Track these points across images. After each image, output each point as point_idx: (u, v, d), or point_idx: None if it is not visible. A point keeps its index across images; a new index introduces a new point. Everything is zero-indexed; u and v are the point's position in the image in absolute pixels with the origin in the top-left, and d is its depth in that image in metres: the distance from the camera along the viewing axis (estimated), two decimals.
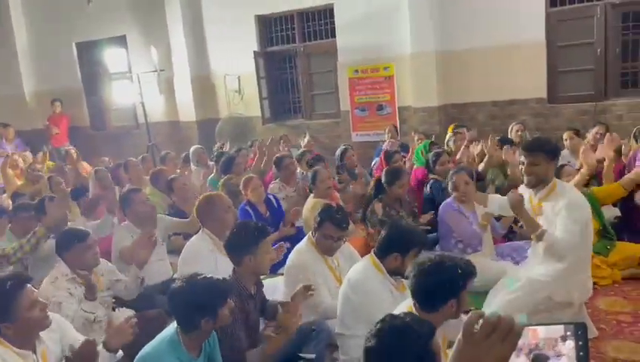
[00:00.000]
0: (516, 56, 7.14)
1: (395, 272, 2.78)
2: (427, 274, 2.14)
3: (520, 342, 1.00)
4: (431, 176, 4.90)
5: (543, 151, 3.06)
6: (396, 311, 2.26)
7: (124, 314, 3.03)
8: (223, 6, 9.13)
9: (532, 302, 3.16)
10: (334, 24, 8.44)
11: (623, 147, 5.08)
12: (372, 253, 2.89)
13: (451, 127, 6.57)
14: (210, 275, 2.43)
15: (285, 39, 9.07)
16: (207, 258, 3.38)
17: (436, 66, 7.49)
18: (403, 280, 2.91)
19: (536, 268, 3.26)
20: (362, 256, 3.47)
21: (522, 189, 3.27)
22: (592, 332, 3.25)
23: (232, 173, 5.60)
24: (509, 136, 6.22)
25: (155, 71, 9.21)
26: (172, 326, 2.36)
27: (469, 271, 2.17)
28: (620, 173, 4.76)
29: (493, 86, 7.38)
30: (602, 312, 3.68)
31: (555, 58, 7.15)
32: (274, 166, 5.72)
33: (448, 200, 4.19)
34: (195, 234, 3.82)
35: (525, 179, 3.15)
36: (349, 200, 5.00)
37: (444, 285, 2.12)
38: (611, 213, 4.73)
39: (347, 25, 8.26)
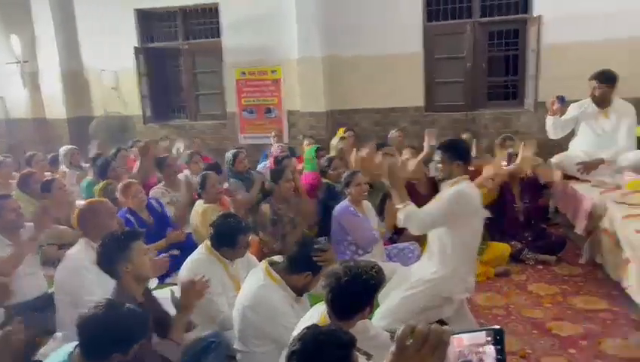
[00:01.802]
0: (397, 66, 7.53)
1: (301, 289, 2.73)
2: (344, 287, 2.16)
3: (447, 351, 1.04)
4: (324, 180, 4.97)
5: (447, 152, 3.24)
6: (304, 322, 2.26)
7: None
8: None
9: (424, 299, 3.32)
10: (220, 23, 8.25)
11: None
12: (267, 264, 2.79)
13: (341, 130, 6.72)
14: (131, 306, 2.19)
15: (168, 36, 8.68)
16: (89, 271, 3.09)
17: (323, 72, 7.63)
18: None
19: (425, 267, 3.43)
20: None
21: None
22: (474, 326, 3.50)
23: (110, 176, 5.21)
24: (389, 142, 6.53)
25: (18, 62, 8.31)
26: (63, 351, 2.09)
27: (382, 280, 2.25)
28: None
29: (376, 93, 7.71)
30: (480, 307, 4.00)
31: (432, 69, 7.65)
32: (156, 168, 5.44)
33: (343, 203, 4.26)
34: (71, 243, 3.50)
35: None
36: (240, 206, 4.91)
37: (361, 296, 2.19)
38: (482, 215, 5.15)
39: (233, 25, 8.12)
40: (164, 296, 3.10)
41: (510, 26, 7.40)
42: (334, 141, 6.51)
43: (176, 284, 3.37)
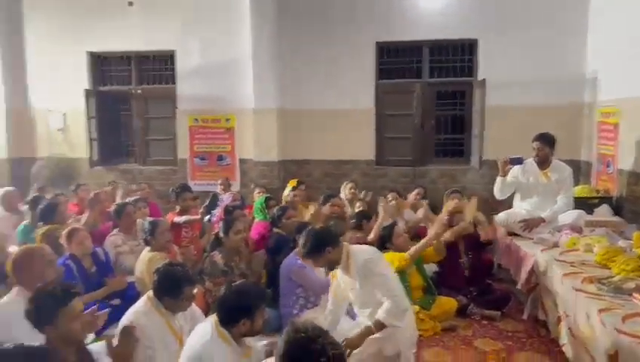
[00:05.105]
0: (350, 120, 7.73)
1: (247, 335, 2.68)
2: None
3: None
4: (275, 229, 4.93)
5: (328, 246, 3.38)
6: None
7: None
8: (51, 37, 8.41)
9: (366, 358, 3.30)
10: (175, 70, 8.27)
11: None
12: (216, 320, 2.72)
13: (292, 182, 6.75)
14: (21, 343, 2.09)
15: (121, 80, 8.60)
16: (19, 324, 2.88)
17: (277, 122, 7.73)
18: (249, 342, 2.83)
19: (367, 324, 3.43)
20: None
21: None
22: None
23: (55, 221, 4.97)
24: (342, 194, 6.61)
25: None
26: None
27: None
28: None
29: (329, 145, 7.85)
30: None
31: (382, 125, 7.89)
32: (114, 215, 5.25)
33: (290, 257, 4.22)
34: None
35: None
36: (189, 256, 4.79)
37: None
38: (430, 268, 5.23)
39: (188, 73, 8.16)
40: (100, 350, 2.94)
41: (457, 88, 7.79)
42: (286, 192, 6.53)
43: (114, 336, 3.21)
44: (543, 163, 5.16)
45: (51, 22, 8.42)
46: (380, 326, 3.31)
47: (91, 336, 3.58)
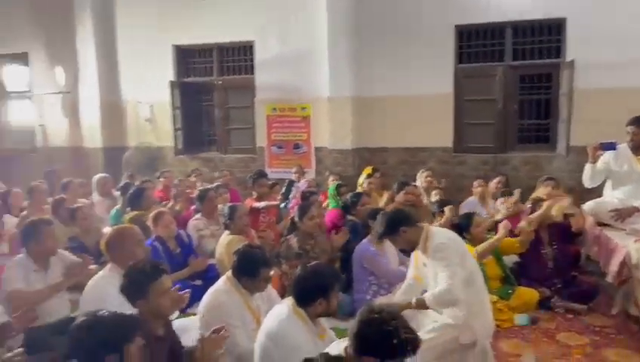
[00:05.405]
0: (427, 107, 7.56)
1: (322, 315, 2.74)
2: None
3: None
4: (349, 217, 4.95)
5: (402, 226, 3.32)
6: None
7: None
8: (140, 32, 8.89)
9: (441, 344, 3.25)
10: (254, 61, 8.48)
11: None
12: (293, 302, 2.78)
13: (367, 169, 6.74)
14: (115, 311, 2.25)
15: (203, 71, 8.96)
16: (114, 297, 3.10)
17: (352, 110, 7.73)
18: (324, 324, 2.88)
19: (446, 312, 3.36)
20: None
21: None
22: None
23: (142, 206, 5.29)
24: (418, 182, 6.51)
25: (60, 92, 8.65)
26: None
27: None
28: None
29: (404, 133, 7.73)
30: (505, 354, 3.85)
31: (461, 110, 7.65)
32: (197, 200, 5.52)
33: (363, 243, 4.23)
34: None
35: None
36: (268, 240, 4.93)
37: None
38: (510, 258, 5.03)
39: (266, 63, 8.34)
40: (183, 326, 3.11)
41: (542, 70, 7.39)
42: (361, 179, 6.53)
43: (196, 314, 3.38)
44: (638, 148, 4.78)
45: (140, 19, 8.90)
46: (421, 305, 3.24)
47: (175, 313, 3.80)
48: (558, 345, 3.98)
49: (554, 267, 4.86)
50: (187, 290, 3.31)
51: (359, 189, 6.09)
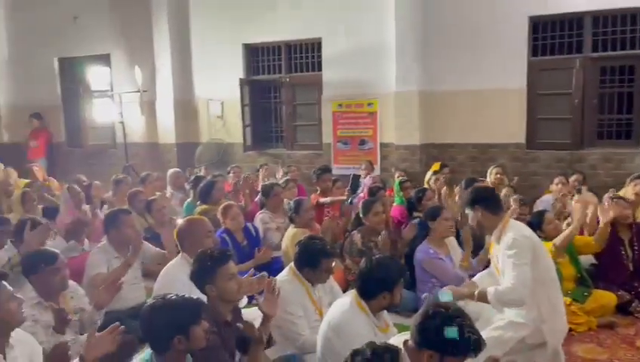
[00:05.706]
0: (498, 101, 7.32)
1: (385, 308, 2.74)
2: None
3: None
4: (416, 213, 4.89)
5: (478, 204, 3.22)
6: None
7: None
8: (212, 32, 9.18)
9: (505, 342, 3.14)
10: (321, 57, 8.54)
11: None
12: (356, 292, 2.80)
13: (435, 165, 6.61)
14: (182, 294, 2.35)
15: (271, 69, 9.13)
16: (184, 285, 3.25)
17: (419, 106, 7.61)
18: (387, 319, 2.87)
19: (514, 310, 3.25)
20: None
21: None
22: None
23: (212, 200, 5.49)
24: (488, 179, 6.31)
25: (138, 91, 9.11)
26: (146, 352, 2.25)
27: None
28: None
29: (474, 128, 7.52)
30: (579, 359, 3.69)
31: (535, 105, 7.34)
32: (262, 195, 5.65)
33: (423, 245, 4.17)
34: None
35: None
36: (329, 233, 4.96)
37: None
38: (587, 259, 4.78)
39: (333, 59, 8.37)
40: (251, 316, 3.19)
41: (625, 62, 6.95)
42: (428, 175, 6.42)
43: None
44: None
45: (212, 20, 9.19)
46: (482, 298, 3.10)
47: (244, 301, 3.92)
48: (637, 351, 3.74)
49: (634, 269, 4.57)
50: (263, 273, 3.39)
51: (426, 186, 5.99)
